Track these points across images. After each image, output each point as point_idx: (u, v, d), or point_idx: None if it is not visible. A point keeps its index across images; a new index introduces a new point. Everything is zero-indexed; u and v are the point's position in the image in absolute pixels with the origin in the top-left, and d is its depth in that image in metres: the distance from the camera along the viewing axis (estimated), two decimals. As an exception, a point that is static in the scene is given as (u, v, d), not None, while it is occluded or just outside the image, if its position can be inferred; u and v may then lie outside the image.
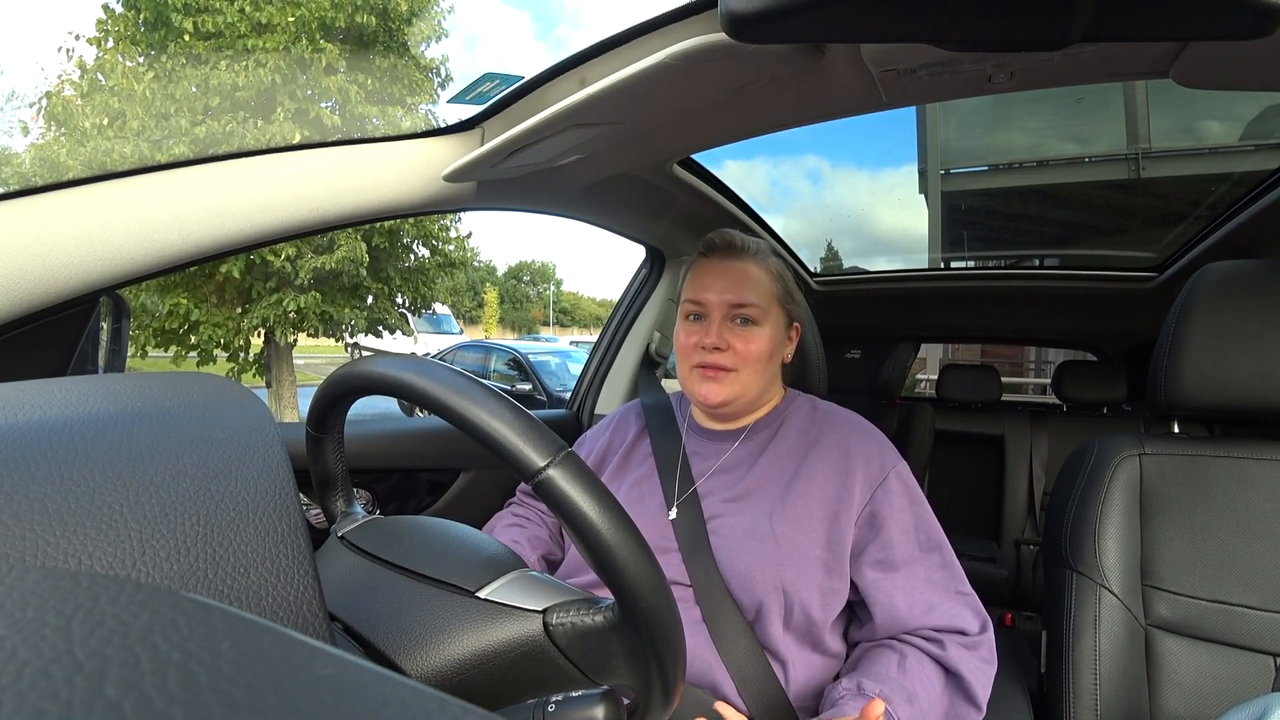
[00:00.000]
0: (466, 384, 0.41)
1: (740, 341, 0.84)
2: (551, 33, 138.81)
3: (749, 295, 0.84)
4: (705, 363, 0.84)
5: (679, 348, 0.88)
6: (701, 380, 0.85)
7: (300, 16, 6.66)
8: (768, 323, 0.85)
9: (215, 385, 0.33)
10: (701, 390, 0.85)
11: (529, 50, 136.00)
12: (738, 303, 0.84)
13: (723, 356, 0.83)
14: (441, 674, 0.42)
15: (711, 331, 0.83)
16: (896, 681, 0.69)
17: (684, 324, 0.88)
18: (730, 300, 0.84)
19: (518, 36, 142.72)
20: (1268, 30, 0.42)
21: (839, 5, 0.46)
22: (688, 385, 0.87)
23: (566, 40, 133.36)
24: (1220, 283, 0.85)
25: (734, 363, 0.83)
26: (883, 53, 0.63)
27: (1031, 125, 3.24)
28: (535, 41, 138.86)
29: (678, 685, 0.43)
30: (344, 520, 0.57)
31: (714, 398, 0.84)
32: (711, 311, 0.85)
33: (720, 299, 0.84)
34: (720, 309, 0.84)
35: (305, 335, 7.35)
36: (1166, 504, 0.87)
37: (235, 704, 0.11)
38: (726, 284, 0.84)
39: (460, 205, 0.95)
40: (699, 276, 0.87)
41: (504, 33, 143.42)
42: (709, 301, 0.85)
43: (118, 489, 0.24)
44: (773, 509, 0.78)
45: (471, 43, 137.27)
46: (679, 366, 0.90)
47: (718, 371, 0.84)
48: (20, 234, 0.60)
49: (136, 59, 6.68)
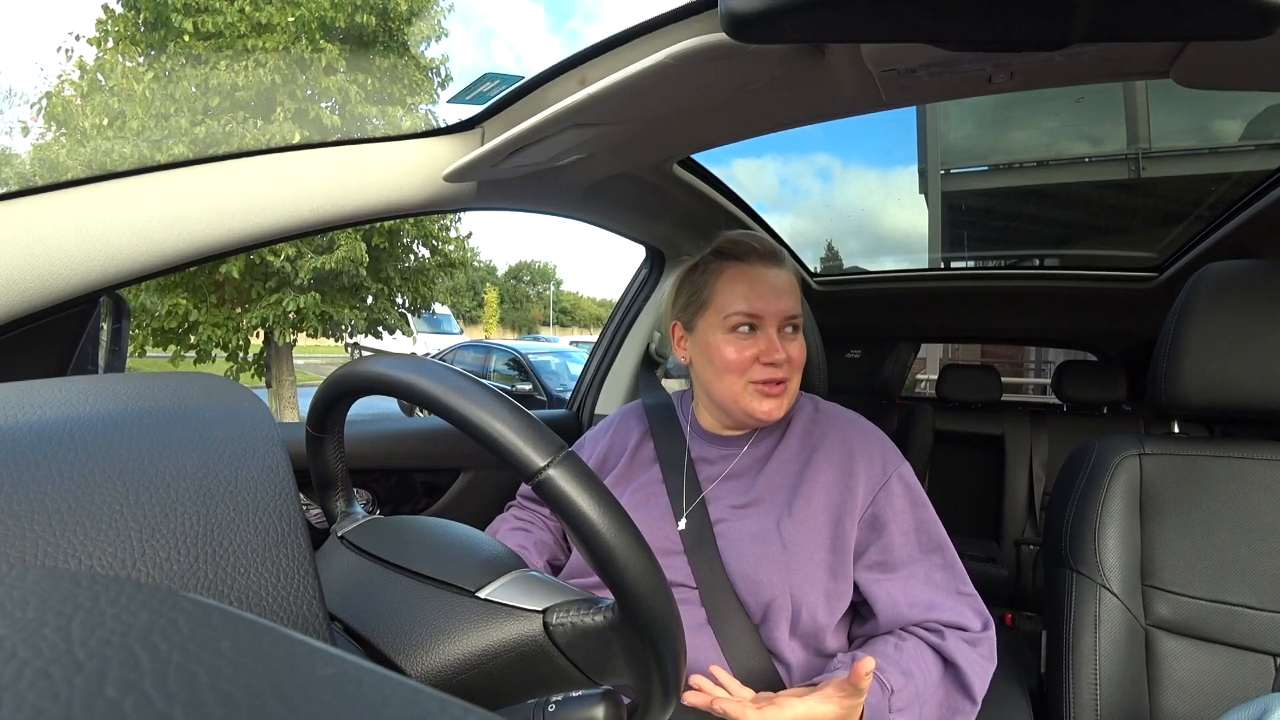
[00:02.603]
0: (466, 384, 0.41)
1: (794, 350, 0.82)
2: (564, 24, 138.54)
3: (795, 304, 0.83)
4: (770, 378, 0.80)
5: (728, 363, 0.81)
6: (763, 397, 0.81)
7: (300, 16, 6.66)
8: (803, 328, 0.85)
9: (215, 385, 0.33)
10: (764, 408, 0.81)
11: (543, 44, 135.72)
12: (792, 313, 0.82)
13: (783, 370, 0.81)
14: (441, 674, 0.42)
15: (775, 345, 0.80)
16: (893, 658, 0.69)
17: (731, 337, 0.81)
18: (787, 310, 0.81)
19: (532, 30, 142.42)
20: (1268, 30, 0.42)
21: (839, 5, 0.46)
22: (741, 401, 0.82)
23: (580, 33, 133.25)
24: (1220, 283, 0.85)
25: (789, 374, 0.82)
26: (883, 53, 0.63)
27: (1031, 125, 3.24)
28: (549, 35, 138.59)
29: (678, 685, 0.43)
30: (344, 520, 0.57)
31: (777, 413, 0.81)
32: (767, 324, 0.81)
33: (776, 309, 0.81)
34: (776, 320, 0.81)
35: (305, 335, 7.35)
36: (1166, 504, 0.87)
37: (235, 704, 0.11)
38: (780, 293, 0.82)
39: (460, 205, 0.95)
40: (743, 285, 0.82)
41: (518, 27, 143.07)
42: (765, 313, 0.81)
43: (118, 489, 0.24)
44: (779, 514, 0.78)
45: (486, 36, 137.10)
46: (723, 382, 0.83)
47: (779, 386, 0.81)
48: (20, 234, 0.60)
49: (136, 59, 6.68)
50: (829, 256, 2.82)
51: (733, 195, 1.36)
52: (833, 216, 2.94)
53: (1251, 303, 0.82)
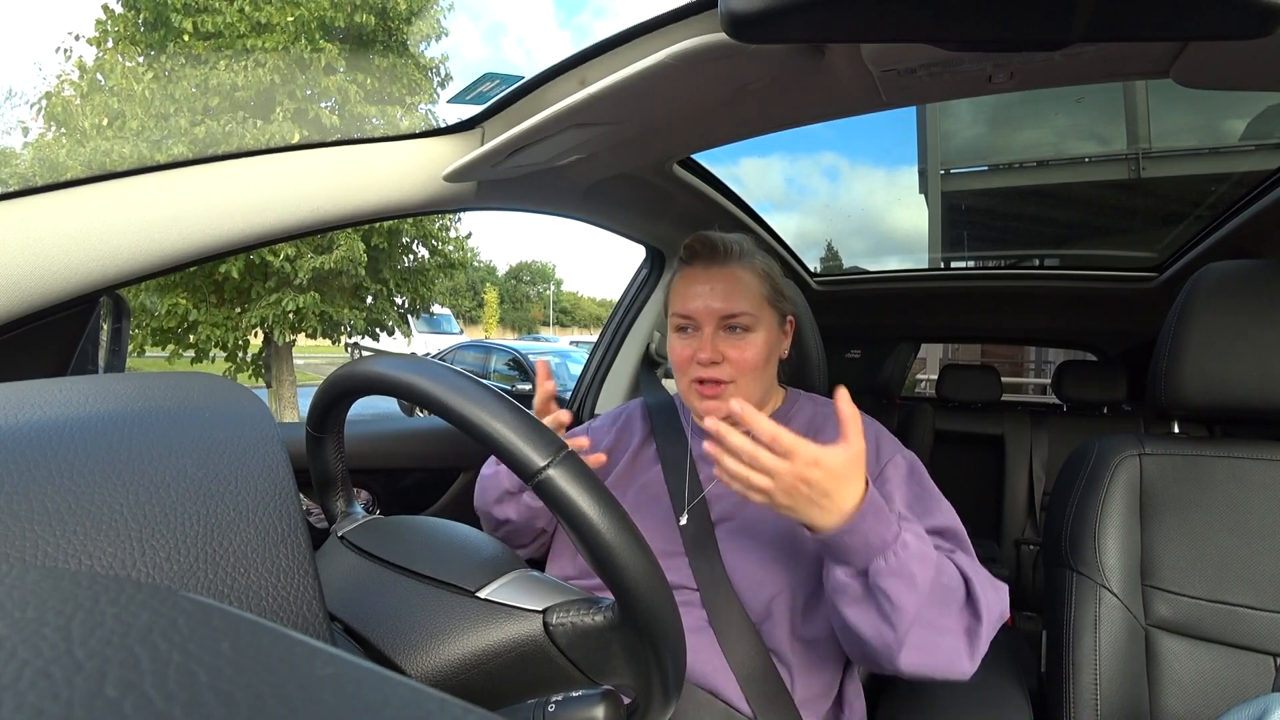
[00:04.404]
0: (466, 384, 0.41)
1: (735, 351, 0.81)
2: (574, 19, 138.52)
3: (738, 303, 0.81)
4: (701, 377, 0.82)
5: (674, 361, 0.85)
6: (700, 397, 0.83)
7: (300, 16, 6.66)
8: (760, 328, 0.83)
9: (215, 385, 0.33)
10: (702, 407, 0.83)
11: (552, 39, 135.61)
12: (728, 313, 0.81)
13: (718, 370, 0.81)
14: (442, 674, 0.42)
15: (706, 345, 0.80)
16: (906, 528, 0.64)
17: (676, 336, 0.85)
18: (719, 310, 0.81)
19: (542, 25, 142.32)
20: (1268, 30, 0.42)
21: (839, 5, 0.46)
22: (688, 399, 0.86)
23: (589, 28, 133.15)
24: (1220, 283, 0.85)
25: (730, 374, 0.81)
26: (883, 53, 0.63)
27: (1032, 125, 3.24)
28: (559, 31, 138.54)
29: (678, 685, 0.43)
30: (344, 520, 0.57)
31: (716, 413, 0.82)
32: (701, 324, 0.82)
33: (708, 310, 0.81)
34: (710, 320, 0.81)
35: (304, 336, 7.35)
36: (1166, 504, 0.87)
37: (235, 704, 0.11)
38: (714, 293, 0.81)
39: (460, 205, 0.95)
40: (684, 286, 0.84)
41: (528, 22, 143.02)
42: (697, 313, 0.82)
43: (118, 489, 0.24)
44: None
45: (495, 31, 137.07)
46: (677, 379, 0.87)
47: (715, 386, 0.82)
48: (20, 234, 0.60)
49: (136, 59, 6.68)
50: (829, 256, 2.82)
51: (732, 195, 1.36)
52: (835, 216, 2.94)
53: (1251, 303, 0.82)
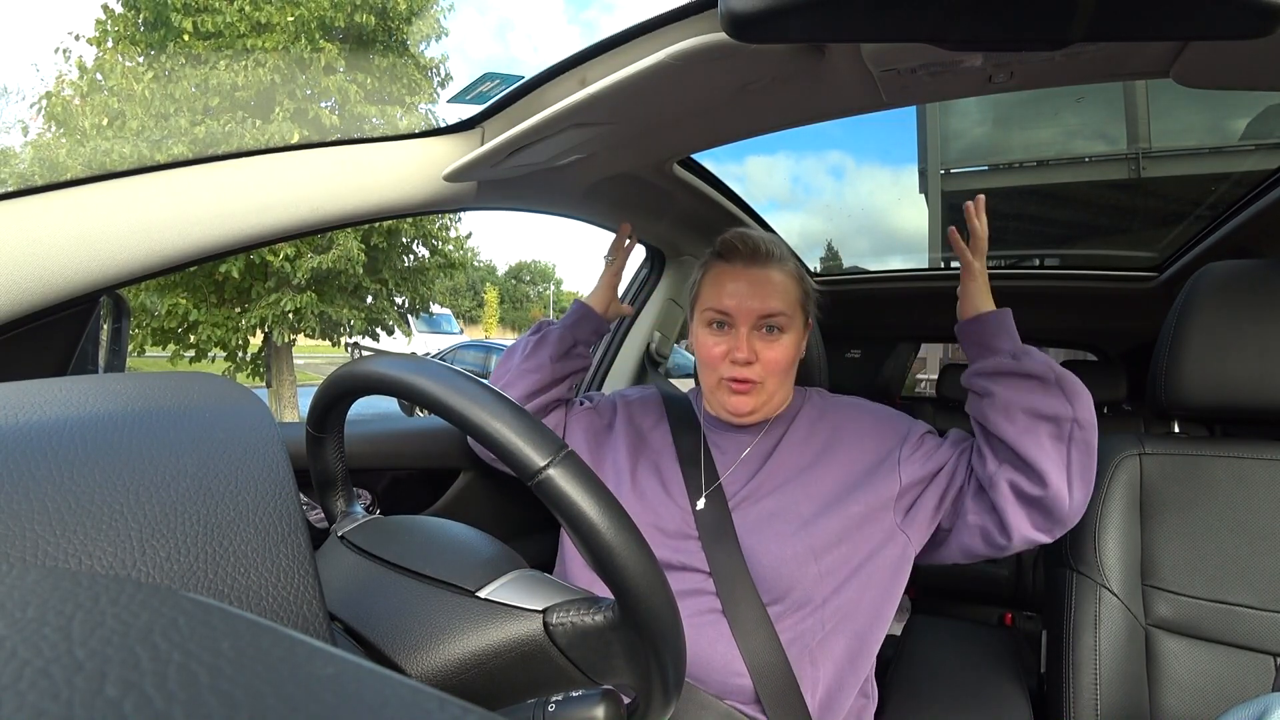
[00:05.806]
0: (466, 383, 0.41)
1: (768, 351, 0.82)
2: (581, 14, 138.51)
3: (776, 304, 0.81)
4: (734, 376, 0.82)
5: (703, 356, 0.85)
6: (730, 394, 0.83)
7: (299, 16, 6.66)
8: (792, 329, 0.83)
9: (215, 385, 0.33)
10: (730, 403, 0.83)
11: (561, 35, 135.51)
12: (765, 313, 0.81)
13: (750, 370, 0.82)
14: (442, 674, 0.42)
15: (742, 345, 0.81)
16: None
17: (707, 331, 0.85)
18: (757, 310, 0.81)
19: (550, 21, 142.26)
20: (1268, 30, 0.42)
21: (839, 5, 0.46)
22: (714, 396, 0.86)
23: (597, 24, 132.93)
24: (1220, 283, 0.85)
25: (760, 374, 0.82)
26: (883, 53, 0.63)
27: (1031, 125, 3.24)
28: (567, 26, 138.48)
29: (678, 685, 0.43)
30: (344, 520, 0.57)
31: (742, 409, 0.83)
32: (738, 322, 0.82)
33: (746, 309, 0.81)
34: (747, 319, 0.81)
35: (303, 336, 7.34)
36: (1167, 504, 0.87)
37: (235, 704, 0.11)
38: (753, 292, 0.81)
39: (460, 205, 0.95)
40: (721, 282, 0.83)
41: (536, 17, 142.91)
42: (734, 310, 0.82)
43: (118, 489, 0.24)
44: (797, 496, 0.79)
45: (504, 27, 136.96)
46: (703, 374, 0.87)
47: (746, 385, 0.82)
48: (20, 234, 0.60)
49: (136, 59, 6.68)
50: (829, 256, 2.82)
51: (733, 195, 1.36)
52: (837, 216, 2.94)
53: (1251, 303, 0.82)
